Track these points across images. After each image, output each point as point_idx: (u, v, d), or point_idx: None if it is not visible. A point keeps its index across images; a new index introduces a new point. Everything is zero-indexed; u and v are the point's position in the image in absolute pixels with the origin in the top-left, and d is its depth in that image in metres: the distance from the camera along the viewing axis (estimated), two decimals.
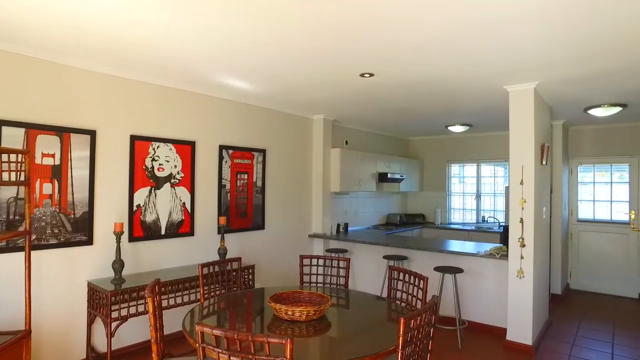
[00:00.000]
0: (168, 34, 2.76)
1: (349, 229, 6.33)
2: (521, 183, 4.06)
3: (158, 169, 4.00)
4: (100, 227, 3.58)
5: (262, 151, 5.15)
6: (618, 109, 4.77)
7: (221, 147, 4.63)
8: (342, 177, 5.92)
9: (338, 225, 6.00)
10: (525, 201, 4.04)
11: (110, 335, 3.16)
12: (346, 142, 6.55)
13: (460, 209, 7.83)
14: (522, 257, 4.05)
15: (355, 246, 5.63)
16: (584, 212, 6.54)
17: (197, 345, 1.71)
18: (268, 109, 5.23)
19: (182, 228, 4.21)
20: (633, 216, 6.05)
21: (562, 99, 4.52)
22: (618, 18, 2.44)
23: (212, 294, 3.47)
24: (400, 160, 7.33)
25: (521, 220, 4.05)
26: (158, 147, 3.99)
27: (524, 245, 4.04)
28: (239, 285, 3.59)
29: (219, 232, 4.55)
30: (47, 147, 3.25)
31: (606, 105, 4.73)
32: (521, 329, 4.06)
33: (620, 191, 6.25)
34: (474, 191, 7.66)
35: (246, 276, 4.21)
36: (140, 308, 3.39)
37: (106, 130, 3.63)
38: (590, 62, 3.30)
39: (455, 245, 4.95)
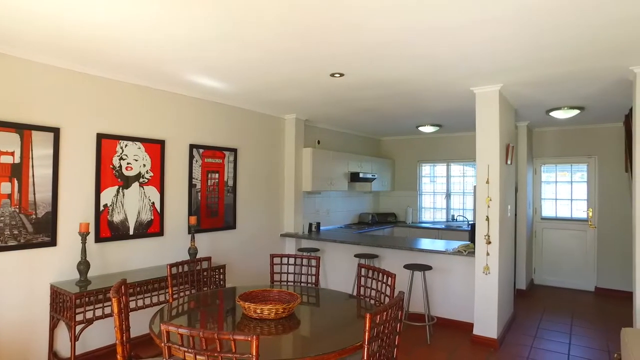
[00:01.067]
0: (134, 30, 2.71)
1: (321, 228, 6.37)
2: (487, 182, 4.19)
3: (126, 168, 3.91)
4: (65, 228, 3.48)
5: (234, 150, 5.11)
6: (576, 111, 4.99)
7: (192, 146, 4.58)
8: (314, 176, 5.95)
9: (310, 225, 6.02)
10: (491, 199, 4.17)
11: (75, 339, 3.07)
12: (318, 142, 6.59)
13: (431, 208, 8.00)
14: (488, 254, 4.18)
15: (327, 245, 5.67)
16: (547, 210, 6.80)
17: (162, 344, 1.69)
18: (239, 108, 5.20)
19: (152, 228, 4.14)
20: (590, 214, 6.34)
21: (525, 101, 4.69)
22: (571, 27, 2.56)
23: (182, 294, 3.43)
24: (372, 160, 7.42)
25: (487, 218, 4.18)
26: (126, 145, 3.91)
27: (489, 242, 4.17)
28: (209, 285, 3.56)
29: (189, 232, 4.50)
30: (5, 145, 3.13)
31: (566, 108, 4.94)
32: (487, 323, 4.19)
33: (580, 190, 6.54)
34: (444, 190, 7.84)
35: (217, 276, 4.18)
36: (107, 310, 3.31)
37: (71, 127, 3.52)
38: (548, 67, 3.44)
39: (424, 243, 5.05)
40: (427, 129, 6.59)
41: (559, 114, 5.09)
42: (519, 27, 2.61)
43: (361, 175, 6.79)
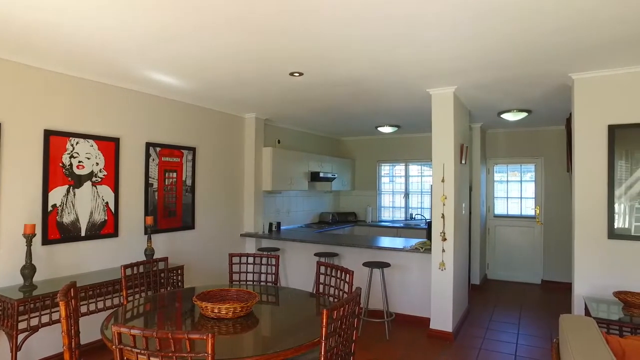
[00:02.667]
0: (82, 22, 2.60)
1: (281, 228, 6.36)
2: (442, 180, 4.34)
3: (77, 167, 3.75)
4: (7, 230, 3.28)
5: (192, 149, 5.02)
6: (524, 114, 5.26)
7: (148, 145, 4.45)
8: (274, 176, 5.93)
9: (270, 224, 6.00)
10: (446, 197, 4.32)
11: (16, 349, 2.89)
12: (278, 141, 6.57)
13: (390, 207, 8.17)
14: (443, 251, 4.32)
15: (287, 245, 5.67)
16: (499, 208, 7.12)
17: (113, 347, 1.64)
18: (198, 106, 5.11)
19: (105, 229, 3.99)
20: (538, 211, 6.71)
21: (478, 102, 4.90)
22: (516, 34, 2.71)
23: (138, 296, 3.33)
24: (332, 160, 7.49)
25: (442, 216, 4.33)
26: (77, 143, 3.75)
27: (445, 239, 4.31)
28: (166, 286, 3.48)
29: (145, 233, 4.37)
30: None
31: (515, 111, 5.21)
32: (443, 318, 4.34)
33: (529, 189, 6.90)
34: (402, 190, 8.03)
35: (174, 277, 4.09)
36: (55, 316, 3.15)
37: (14, 123, 3.33)
38: (496, 71, 3.61)
39: (383, 241, 5.16)
40: (386, 130, 6.74)
41: (509, 116, 5.35)
42: (470, 31, 2.73)
43: (321, 174, 6.84)
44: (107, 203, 4.00)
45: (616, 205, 3.57)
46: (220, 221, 5.46)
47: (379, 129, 6.76)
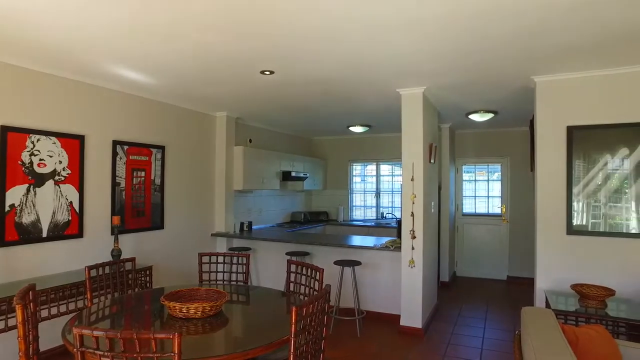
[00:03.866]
0: (45, 14, 2.51)
1: (253, 227, 6.31)
2: (412, 179, 4.42)
3: (38, 165, 3.61)
4: None
5: (161, 148, 4.92)
6: (491, 115, 5.43)
7: (115, 143, 4.33)
8: (246, 175, 5.89)
9: (242, 224, 5.95)
10: (415, 196, 4.40)
11: None
12: (250, 140, 6.53)
13: (362, 206, 8.25)
14: (413, 248, 4.40)
15: (258, 244, 5.64)
16: (467, 206, 7.31)
17: (74, 350, 1.59)
18: (167, 103, 5.01)
19: (69, 229, 3.86)
20: (504, 210, 6.93)
21: (446, 103, 5.02)
22: (481, 36, 2.80)
23: (104, 298, 3.24)
24: (304, 159, 7.49)
25: (412, 214, 4.41)
26: (38, 140, 3.61)
27: (414, 237, 4.40)
28: (133, 287, 3.40)
29: (112, 233, 4.25)
30: None
31: (482, 112, 5.36)
32: (413, 314, 4.42)
33: (496, 188, 7.12)
34: (374, 189, 8.12)
35: (143, 278, 4.00)
36: (12, 322, 2.98)
37: None
38: (463, 72, 3.71)
39: (354, 239, 5.21)
40: (358, 129, 6.80)
41: (476, 117, 5.50)
42: (438, 33, 2.79)
43: (293, 174, 6.84)
44: (71, 203, 3.87)
45: (574, 203, 3.74)
46: (190, 221, 5.38)
47: (351, 128, 6.82)
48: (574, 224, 3.73)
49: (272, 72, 3.70)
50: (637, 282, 3.50)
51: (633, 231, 3.55)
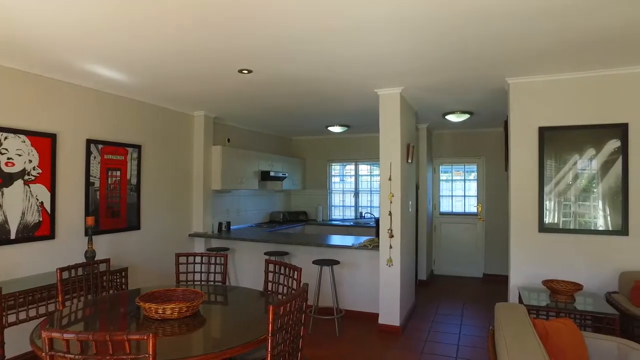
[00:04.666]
0: (16, 7, 2.44)
1: (231, 227, 6.27)
2: (389, 179, 4.47)
3: (6, 164, 3.50)
4: None
5: (138, 147, 4.83)
6: (467, 116, 5.54)
7: (89, 141, 4.23)
8: (224, 175, 5.84)
9: (220, 224, 5.90)
10: (393, 195, 4.45)
11: None
12: (228, 140, 6.48)
13: (341, 206, 8.29)
14: (391, 247, 4.45)
15: (237, 244, 5.60)
16: (445, 206, 7.43)
17: (43, 354, 1.55)
18: (144, 102, 4.93)
19: (40, 231, 3.75)
20: (479, 209, 7.08)
21: (424, 103, 5.09)
22: (456, 38, 2.85)
23: (77, 301, 3.16)
24: (283, 159, 7.48)
25: (390, 213, 4.46)
26: (6, 138, 3.49)
27: (392, 236, 4.44)
28: (108, 289, 3.33)
29: (86, 234, 4.15)
30: None
31: (458, 112, 5.46)
32: (390, 313, 4.47)
33: (472, 187, 7.26)
34: (352, 189, 8.17)
35: (118, 280, 3.92)
36: None
37: None
38: (440, 73, 3.77)
39: (333, 239, 5.23)
40: (336, 129, 6.83)
41: (453, 118, 5.60)
42: (415, 35, 2.83)
43: (272, 174, 6.81)
44: (42, 203, 3.76)
45: (546, 202, 3.85)
46: (167, 221, 5.30)
47: (329, 128, 6.84)
48: (546, 222, 3.84)
49: (250, 71, 3.68)
50: (602, 276, 3.64)
51: (600, 228, 3.68)
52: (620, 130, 3.61)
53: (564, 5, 2.38)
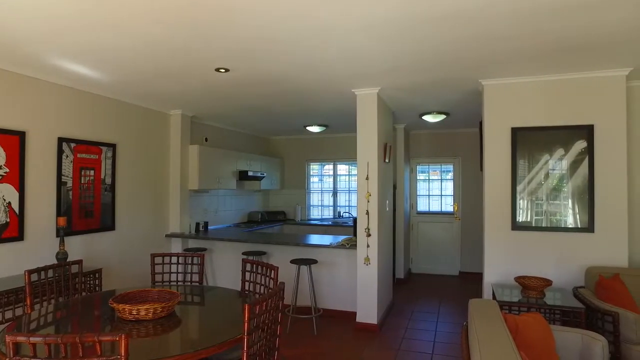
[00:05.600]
0: None
1: (209, 227, 6.20)
2: (367, 178, 4.51)
3: None
4: None
5: (112, 146, 4.73)
6: (443, 116, 5.63)
7: (61, 140, 4.12)
8: (201, 174, 5.78)
9: (197, 224, 5.84)
10: (370, 195, 4.49)
11: None
12: (206, 139, 6.41)
13: (319, 205, 8.31)
14: (368, 246, 4.49)
15: (215, 244, 5.56)
16: (422, 205, 7.54)
17: None
18: (119, 100, 4.83)
19: (7, 232, 3.63)
20: (456, 208, 7.21)
21: (401, 104, 5.15)
22: (432, 40, 2.90)
23: (47, 304, 3.07)
24: (261, 159, 7.45)
25: (367, 212, 4.50)
26: None
27: (369, 235, 4.48)
28: (80, 291, 3.25)
29: (57, 235, 4.04)
30: None
31: (435, 113, 5.55)
32: (368, 311, 4.51)
33: (449, 187, 7.39)
34: (331, 188, 8.20)
35: (91, 281, 3.83)
36: None
37: None
38: (416, 74, 3.83)
39: (312, 238, 5.24)
40: (315, 129, 6.84)
41: (429, 118, 5.69)
42: (392, 36, 2.87)
43: (250, 173, 6.78)
44: (9, 203, 3.65)
45: (519, 200, 3.96)
46: (143, 221, 5.21)
47: (308, 128, 6.85)
48: (519, 220, 3.95)
49: (227, 70, 3.66)
50: (570, 272, 3.77)
51: (570, 226, 3.81)
52: (587, 132, 3.75)
53: (532, 11, 2.45)
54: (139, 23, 2.65)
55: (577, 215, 3.79)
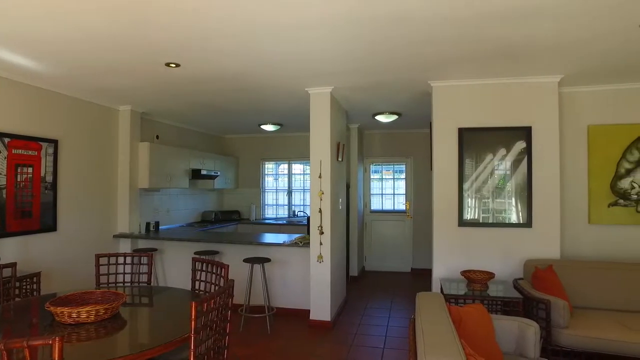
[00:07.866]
0: None
1: (160, 227, 6.01)
2: (319, 177, 4.54)
3: None
4: None
5: (54, 142, 4.47)
6: (395, 116, 5.79)
7: None
8: (152, 172, 5.59)
9: (148, 224, 5.64)
10: (323, 193, 4.53)
11: None
12: (157, 137, 6.21)
13: (274, 204, 8.27)
14: (321, 244, 4.53)
15: (166, 244, 5.40)
16: (375, 204, 7.70)
17: None
18: (62, 94, 4.56)
19: None
20: (408, 206, 7.43)
21: (354, 103, 5.24)
22: (382, 42, 2.98)
23: None
24: (215, 157, 7.31)
25: (320, 210, 4.53)
26: None
27: (322, 233, 4.52)
28: (14, 296, 3.05)
29: None
30: None
31: (387, 113, 5.69)
32: (322, 308, 4.55)
33: (401, 186, 7.59)
34: (286, 187, 8.19)
35: (28, 286, 3.60)
36: None
37: None
38: (368, 75, 3.91)
39: (265, 237, 5.21)
40: (269, 128, 6.81)
41: (382, 118, 5.82)
42: (344, 36, 2.91)
43: (203, 172, 6.64)
44: None
45: (467, 199, 4.14)
46: (89, 221, 4.96)
47: (262, 127, 6.80)
48: (467, 218, 4.13)
49: (177, 65, 3.56)
50: (512, 265, 4.01)
51: (513, 222, 4.04)
52: (526, 133, 3.99)
53: (473, 18, 2.58)
54: (77, 11, 2.51)
55: (520, 212, 4.03)
